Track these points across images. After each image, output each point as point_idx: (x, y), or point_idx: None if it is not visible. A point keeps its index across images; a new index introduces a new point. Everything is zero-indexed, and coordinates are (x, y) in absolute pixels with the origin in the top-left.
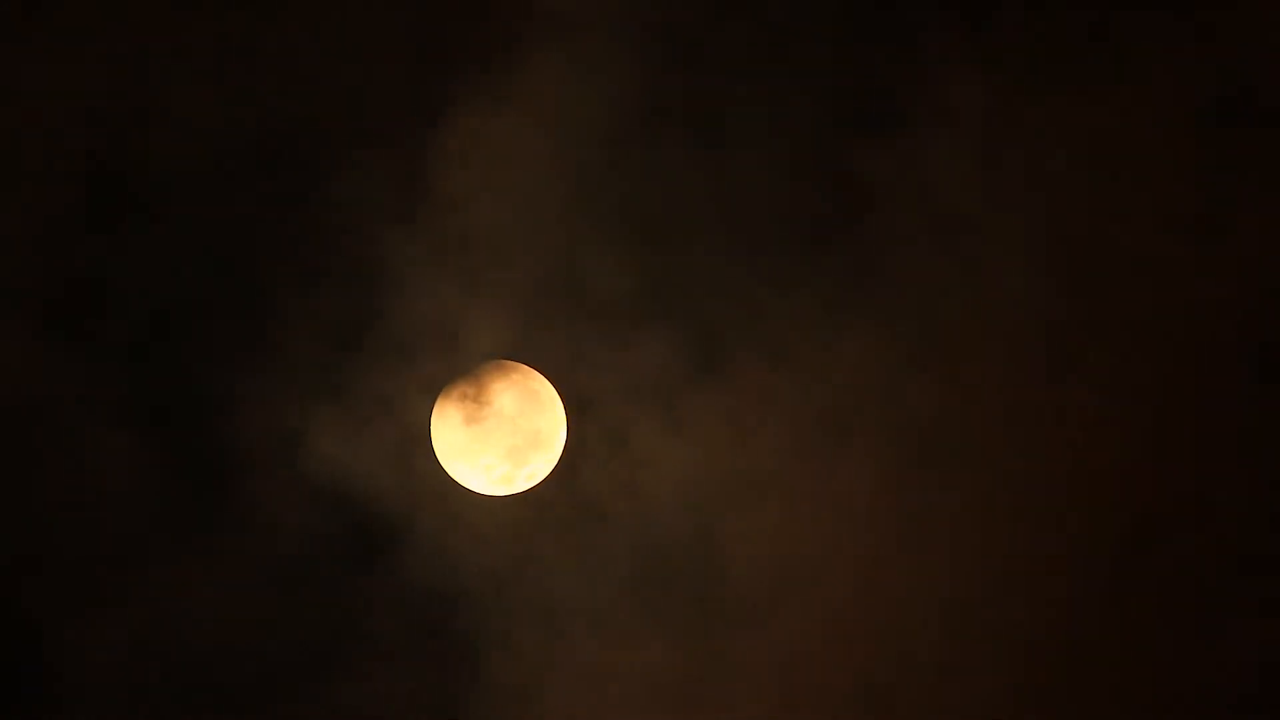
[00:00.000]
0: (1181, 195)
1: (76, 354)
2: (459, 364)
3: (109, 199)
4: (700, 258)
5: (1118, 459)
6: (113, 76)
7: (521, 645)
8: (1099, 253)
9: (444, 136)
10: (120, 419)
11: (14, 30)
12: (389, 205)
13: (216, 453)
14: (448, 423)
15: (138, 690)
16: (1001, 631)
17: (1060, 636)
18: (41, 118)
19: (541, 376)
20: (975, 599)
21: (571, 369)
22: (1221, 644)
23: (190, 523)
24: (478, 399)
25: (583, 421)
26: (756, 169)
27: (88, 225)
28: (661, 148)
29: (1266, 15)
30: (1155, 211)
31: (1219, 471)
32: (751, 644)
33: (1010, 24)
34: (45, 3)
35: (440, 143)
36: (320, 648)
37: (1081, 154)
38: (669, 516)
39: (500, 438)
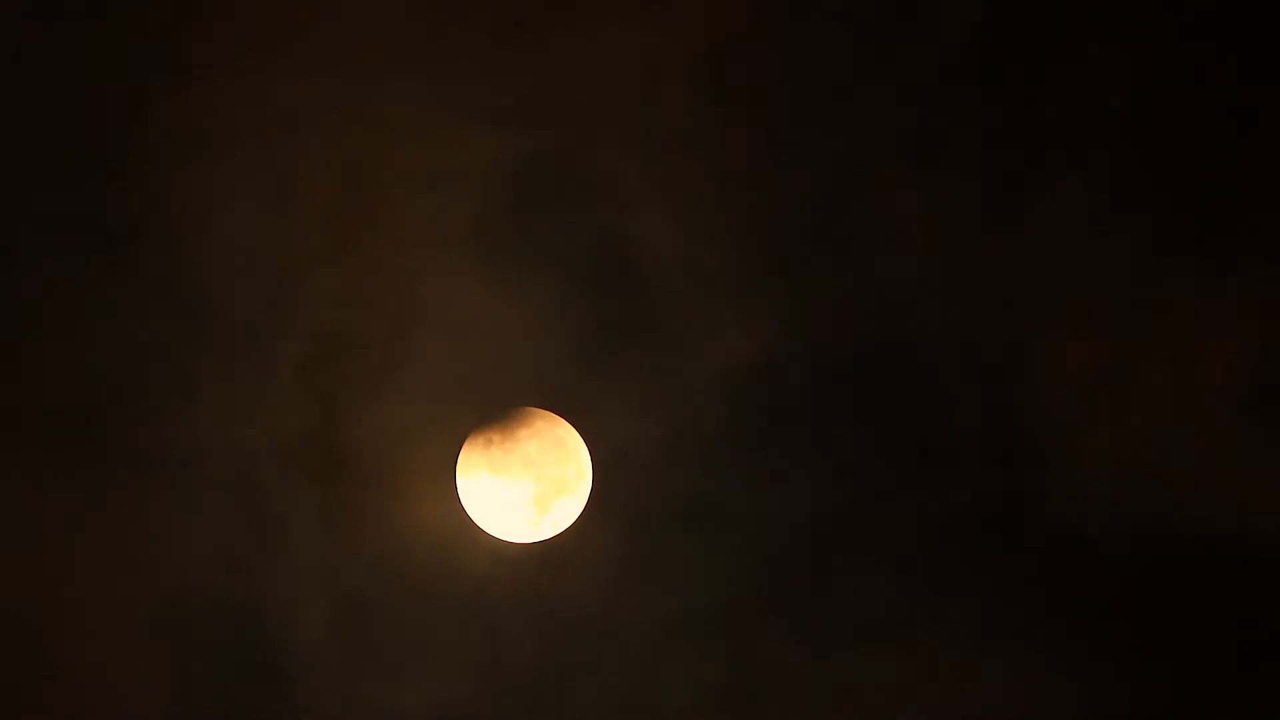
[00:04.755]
0: None
1: None
2: (484, 410)
3: None
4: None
5: None
6: None
7: None
8: None
9: None
10: None
11: None
12: None
13: None
14: (472, 468)
15: None
16: None
17: None
18: None
19: (567, 424)
20: None
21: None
22: None
23: None
24: (503, 445)
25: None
26: None
27: None
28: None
29: None
30: None
31: None
32: None
33: None
34: None
35: None
36: None
37: None
38: None
39: (525, 484)
